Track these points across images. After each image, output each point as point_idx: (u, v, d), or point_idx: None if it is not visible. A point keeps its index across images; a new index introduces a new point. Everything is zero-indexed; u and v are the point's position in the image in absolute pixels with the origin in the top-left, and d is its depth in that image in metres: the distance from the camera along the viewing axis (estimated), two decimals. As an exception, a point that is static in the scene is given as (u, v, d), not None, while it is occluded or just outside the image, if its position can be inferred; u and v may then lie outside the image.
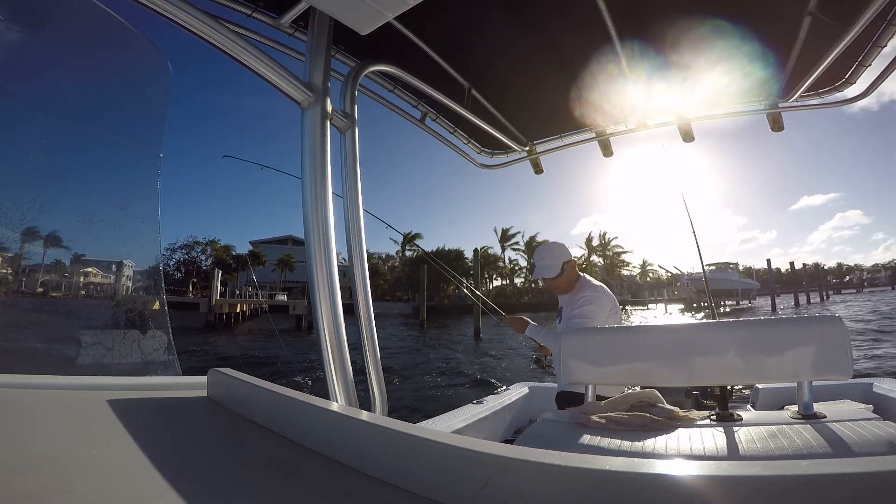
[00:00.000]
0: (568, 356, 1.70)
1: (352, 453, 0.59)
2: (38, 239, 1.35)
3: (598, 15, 1.66)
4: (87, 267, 1.52)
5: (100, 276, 1.51)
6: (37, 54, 1.41)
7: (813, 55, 1.75)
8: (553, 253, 2.18)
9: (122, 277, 1.48)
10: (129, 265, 1.49)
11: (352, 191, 1.45)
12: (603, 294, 2.13)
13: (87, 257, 1.53)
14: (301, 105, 1.31)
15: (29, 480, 0.50)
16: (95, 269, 1.53)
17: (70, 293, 1.53)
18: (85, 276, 1.52)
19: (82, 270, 1.53)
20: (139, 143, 1.49)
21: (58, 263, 1.49)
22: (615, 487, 0.40)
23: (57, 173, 1.40)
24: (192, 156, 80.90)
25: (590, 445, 1.30)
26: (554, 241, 2.27)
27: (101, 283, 1.51)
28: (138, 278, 1.49)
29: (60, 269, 1.51)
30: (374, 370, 1.40)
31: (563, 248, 2.22)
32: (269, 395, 0.80)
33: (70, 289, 1.52)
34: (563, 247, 2.23)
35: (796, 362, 1.39)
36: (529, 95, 2.28)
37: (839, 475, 0.37)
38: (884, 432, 1.15)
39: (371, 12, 1.07)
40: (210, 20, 1.11)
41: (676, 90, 2.13)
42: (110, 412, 0.80)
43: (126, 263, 1.49)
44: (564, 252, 2.20)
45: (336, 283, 1.29)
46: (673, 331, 1.75)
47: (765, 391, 2.59)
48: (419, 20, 1.69)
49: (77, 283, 1.52)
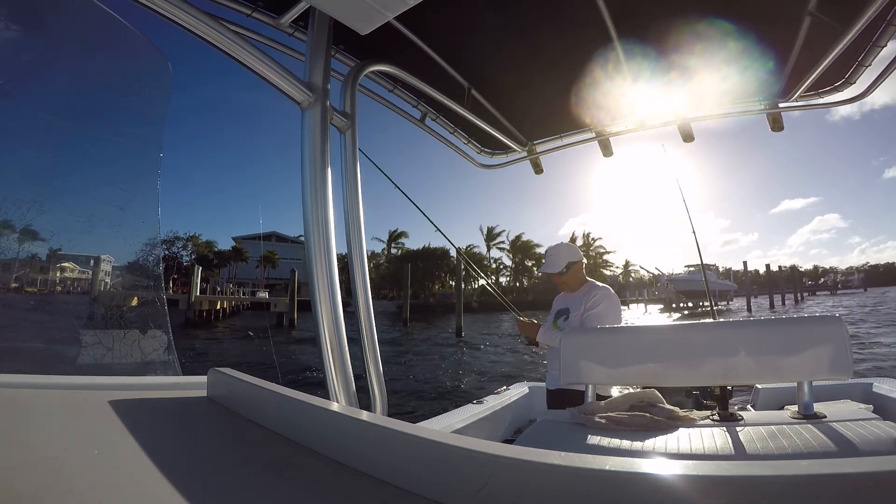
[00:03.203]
0: (568, 356, 1.70)
1: (352, 453, 0.59)
2: (35, 238, 1.35)
3: (598, 15, 1.66)
4: (84, 265, 1.52)
5: (96, 273, 1.50)
6: (37, 54, 1.41)
7: (813, 55, 1.74)
8: (560, 252, 2.36)
9: (120, 275, 1.48)
10: (124, 262, 1.48)
11: (352, 191, 1.45)
12: (613, 293, 2.27)
13: (85, 255, 1.53)
14: (301, 105, 1.31)
15: (29, 480, 0.50)
16: (84, 267, 1.52)
17: (65, 290, 1.53)
18: (79, 273, 1.52)
19: (78, 268, 1.52)
20: (139, 142, 1.49)
21: (54, 261, 1.48)
22: (615, 487, 0.40)
23: (57, 173, 1.40)
24: (175, 151, 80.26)
25: (590, 445, 1.30)
26: (564, 243, 2.48)
27: (99, 280, 1.50)
28: (137, 277, 1.49)
29: (57, 267, 1.51)
30: (374, 370, 1.40)
31: (572, 249, 2.42)
32: (269, 395, 0.79)
33: (65, 286, 1.52)
34: (572, 248, 2.43)
35: (796, 362, 1.39)
36: (529, 95, 2.27)
37: (840, 475, 0.37)
38: (884, 432, 1.15)
39: (371, 12, 1.07)
40: (210, 20, 1.11)
41: (676, 90, 2.13)
42: (110, 412, 0.80)
43: (119, 261, 1.48)
44: (572, 253, 2.38)
45: (336, 283, 1.29)
46: (673, 331, 1.75)
47: (765, 391, 2.59)
48: (419, 20, 1.69)
49: (71, 280, 1.52)
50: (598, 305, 2.18)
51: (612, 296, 2.24)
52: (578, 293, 2.30)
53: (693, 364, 1.52)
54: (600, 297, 2.20)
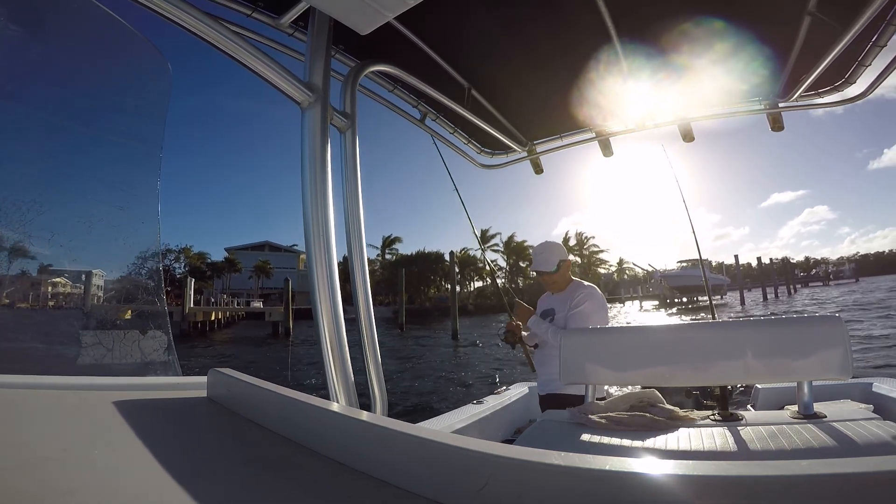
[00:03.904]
0: (568, 356, 1.69)
1: (352, 453, 0.59)
2: (30, 239, 1.34)
3: (598, 15, 1.66)
4: (83, 265, 1.52)
5: (96, 279, 1.50)
6: (37, 55, 1.41)
7: (813, 55, 1.74)
8: (552, 250, 2.33)
9: (120, 275, 1.48)
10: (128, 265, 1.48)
11: (352, 191, 1.45)
12: (598, 293, 2.26)
13: (85, 259, 1.53)
14: (301, 105, 1.31)
15: (29, 480, 0.50)
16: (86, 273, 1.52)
17: (63, 295, 1.53)
18: (79, 278, 1.52)
19: (79, 272, 1.52)
20: (139, 143, 1.49)
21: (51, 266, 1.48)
22: (615, 487, 0.39)
23: (57, 174, 1.40)
24: (164, 160, 79.34)
25: (590, 445, 1.30)
26: (553, 241, 2.42)
27: (98, 285, 1.50)
28: (136, 277, 1.48)
29: (56, 272, 1.51)
30: (374, 370, 1.40)
31: (561, 247, 2.38)
32: (269, 395, 0.79)
33: (63, 290, 1.52)
34: (561, 246, 2.39)
35: (796, 362, 1.39)
36: (529, 95, 2.28)
37: (840, 475, 0.37)
38: (884, 432, 1.15)
39: (371, 12, 1.07)
40: (210, 20, 1.11)
41: (676, 90, 2.13)
42: (110, 412, 0.80)
43: (119, 260, 1.48)
44: (561, 251, 2.35)
45: (336, 283, 1.29)
46: (673, 331, 1.75)
47: (765, 391, 2.59)
48: (419, 20, 1.69)
49: (69, 285, 1.52)
50: (583, 304, 2.16)
51: (597, 295, 2.23)
52: (564, 293, 2.29)
53: (693, 364, 1.52)
54: (585, 297, 2.18)
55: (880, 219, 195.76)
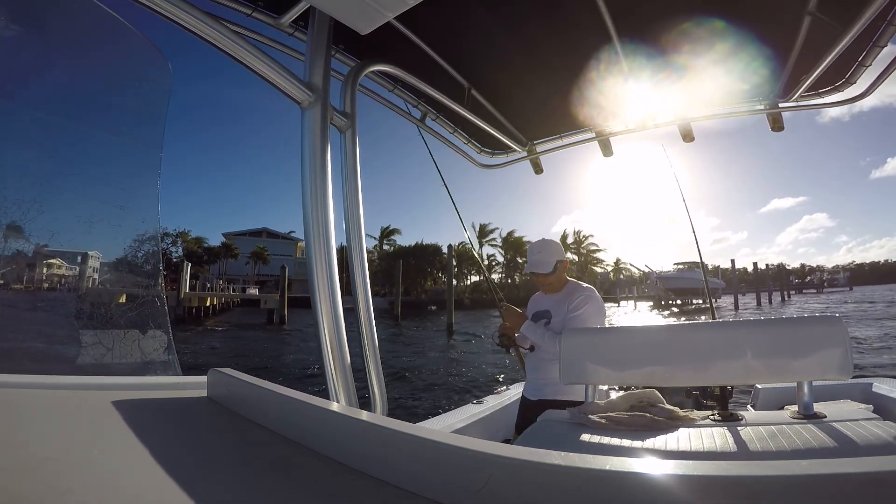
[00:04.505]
0: (568, 356, 1.69)
1: (352, 453, 0.59)
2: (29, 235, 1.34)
3: (598, 15, 1.66)
4: (76, 263, 1.51)
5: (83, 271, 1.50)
6: (37, 54, 1.41)
7: (813, 55, 1.74)
8: (549, 249, 2.17)
9: (119, 273, 1.48)
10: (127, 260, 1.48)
11: (352, 191, 1.45)
12: (597, 294, 2.15)
13: (84, 252, 1.52)
14: (301, 105, 1.31)
15: (29, 480, 0.50)
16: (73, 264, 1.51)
17: (65, 288, 1.52)
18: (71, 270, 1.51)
19: (70, 266, 1.52)
20: (139, 142, 1.49)
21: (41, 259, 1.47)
22: (615, 487, 0.40)
23: (57, 172, 1.40)
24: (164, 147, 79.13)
25: (590, 445, 1.30)
26: (550, 239, 2.27)
27: (99, 279, 1.50)
28: (136, 276, 1.48)
29: (58, 265, 1.50)
30: (374, 370, 1.40)
31: (558, 246, 2.23)
32: (269, 394, 0.79)
33: (65, 284, 1.52)
34: (559, 245, 2.24)
35: (796, 362, 1.39)
36: (529, 95, 2.27)
37: (840, 475, 0.37)
38: (884, 432, 1.15)
39: (371, 12, 1.07)
40: (210, 20, 1.11)
41: (676, 90, 2.13)
42: (110, 412, 0.80)
43: (118, 259, 1.48)
44: (559, 251, 2.20)
45: (336, 283, 1.29)
46: (673, 331, 1.75)
47: (765, 391, 2.59)
48: (419, 20, 1.69)
49: (71, 278, 1.51)
50: (582, 308, 2.04)
51: (596, 298, 2.11)
52: (560, 294, 2.16)
53: (693, 364, 1.52)
54: (584, 300, 2.06)
55: (879, 228, 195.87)
